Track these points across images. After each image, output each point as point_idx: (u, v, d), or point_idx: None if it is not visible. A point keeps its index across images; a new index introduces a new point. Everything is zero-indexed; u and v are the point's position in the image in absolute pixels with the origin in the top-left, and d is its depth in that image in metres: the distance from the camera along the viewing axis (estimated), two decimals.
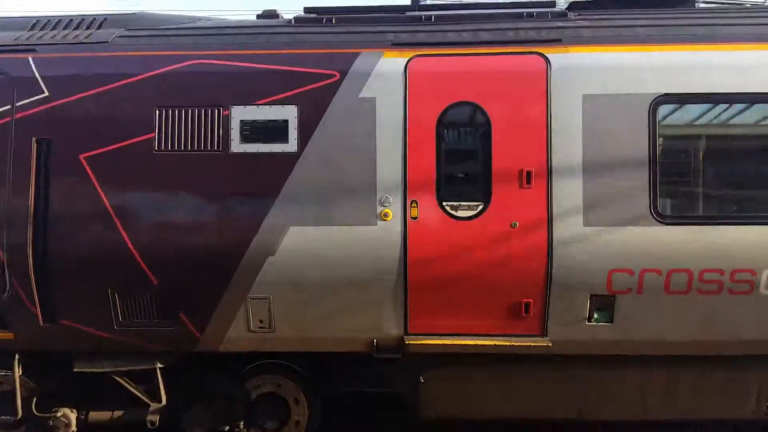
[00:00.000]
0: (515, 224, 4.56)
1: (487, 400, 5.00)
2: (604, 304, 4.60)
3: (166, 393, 4.94)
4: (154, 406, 4.92)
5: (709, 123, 4.82)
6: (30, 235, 4.59)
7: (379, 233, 4.59)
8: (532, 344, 4.65)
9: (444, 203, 4.61)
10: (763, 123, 4.78)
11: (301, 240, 4.58)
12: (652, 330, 4.63)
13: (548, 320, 4.65)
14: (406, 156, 4.60)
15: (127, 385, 4.95)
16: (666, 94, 4.55)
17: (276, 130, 4.67)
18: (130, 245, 4.61)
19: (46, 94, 4.70)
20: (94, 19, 5.20)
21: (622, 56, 4.63)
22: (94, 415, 5.08)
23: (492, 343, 4.67)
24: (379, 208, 4.61)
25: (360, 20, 5.13)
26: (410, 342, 4.70)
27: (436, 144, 4.62)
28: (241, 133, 4.68)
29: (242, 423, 5.10)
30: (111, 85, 4.71)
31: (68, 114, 4.68)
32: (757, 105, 4.64)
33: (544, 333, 4.67)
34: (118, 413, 5.10)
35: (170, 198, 4.67)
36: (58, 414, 4.90)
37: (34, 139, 4.66)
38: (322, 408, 5.32)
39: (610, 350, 4.72)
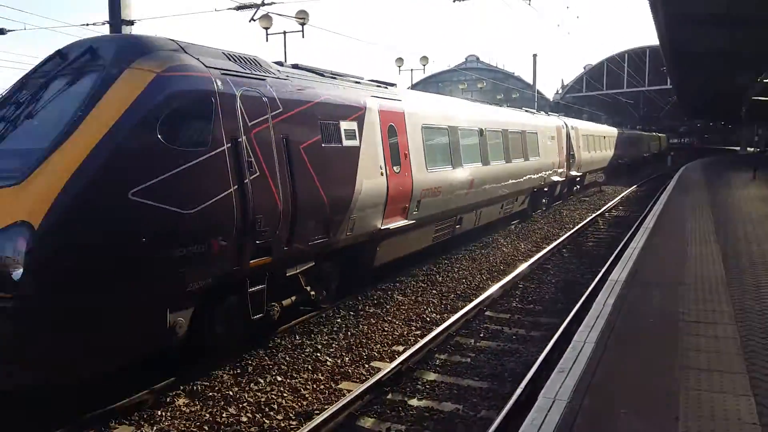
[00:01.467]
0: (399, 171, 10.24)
1: (399, 248, 10.87)
2: (417, 204, 10.83)
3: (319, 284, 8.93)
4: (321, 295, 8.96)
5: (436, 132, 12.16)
6: (289, 190, 7.30)
7: (381, 179, 9.63)
8: (409, 222, 10.58)
9: (393, 167, 10.05)
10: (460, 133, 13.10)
11: (365, 185, 9.06)
12: (438, 206, 11.70)
13: (409, 213, 10.61)
14: (383, 147, 9.88)
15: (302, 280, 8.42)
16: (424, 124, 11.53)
17: (352, 134, 9.01)
18: (321, 193, 7.98)
19: (281, 109, 7.42)
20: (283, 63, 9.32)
21: (419, 109, 11.66)
22: (286, 302, 8.16)
23: (401, 224, 10.29)
24: (380, 170, 9.66)
25: (368, 83, 10.58)
26: (382, 227, 9.81)
27: (383, 141, 9.92)
28: (344, 135, 8.80)
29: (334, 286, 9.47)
30: (305, 106, 7.95)
31: (291, 122, 7.58)
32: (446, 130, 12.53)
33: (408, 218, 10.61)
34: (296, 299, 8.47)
35: (332, 169, 8.32)
36: (275, 307, 7.80)
37: (281, 136, 7.33)
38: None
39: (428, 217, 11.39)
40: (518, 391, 5.99)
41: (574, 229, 16.83)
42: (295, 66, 8.95)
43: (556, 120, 23.01)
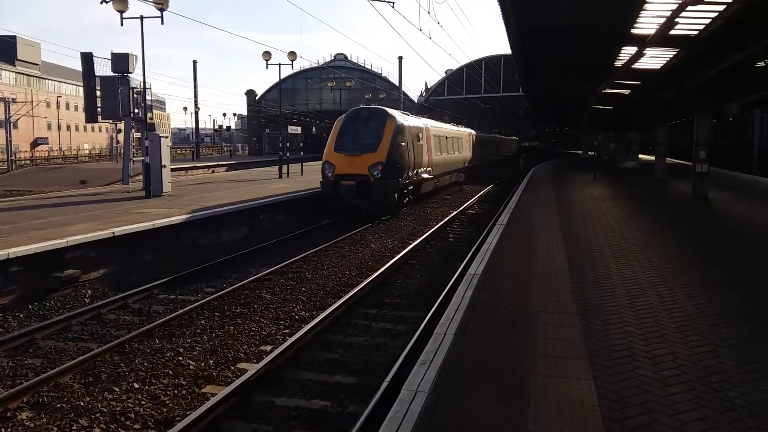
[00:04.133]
0: (429, 154, 24.84)
1: (427, 186, 24.85)
2: (433, 168, 25.07)
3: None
4: None
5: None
6: (414, 158, 21.82)
7: (427, 157, 23.80)
8: (430, 176, 24.46)
9: (428, 152, 24.32)
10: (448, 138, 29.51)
11: (424, 158, 23.23)
12: (437, 170, 25.91)
13: (430, 172, 24.58)
14: (426, 143, 24.27)
15: None
16: (434, 135, 26.10)
17: (421, 138, 23.07)
18: (416, 160, 21.89)
19: (411, 130, 21.70)
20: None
21: (431, 127, 26.22)
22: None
23: (428, 176, 24.12)
24: (425, 153, 23.77)
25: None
26: (424, 176, 23.75)
27: (427, 141, 24.17)
28: (422, 139, 23.35)
29: None
30: (415, 129, 22.34)
31: (412, 134, 21.76)
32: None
33: (430, 174, 24.84)
34: None
35: (420, 152, 22.40)
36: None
37: (411, 140, 21.32)
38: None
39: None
40: (384, 384, 6.15)
41: (437, 226, 17.58)
42: (419, 113, 29.17)
43: (467, 129, 38.16)
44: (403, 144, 19.87)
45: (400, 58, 53.35)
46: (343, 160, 19.07)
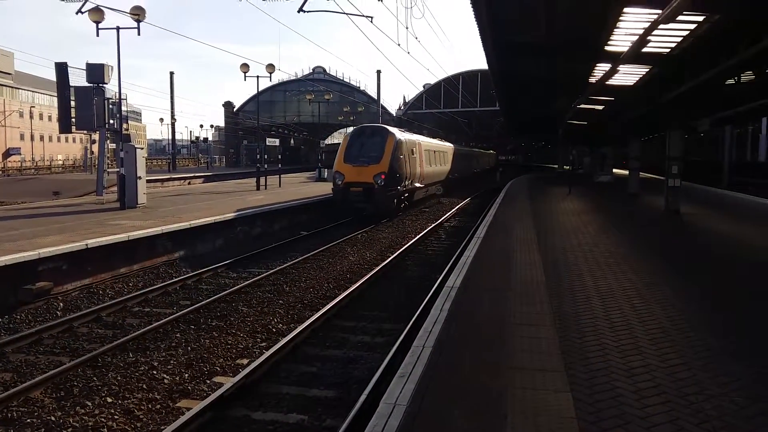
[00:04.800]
0: (421, 166, 27.99)
1: (418, 194, 27.75)
2: (424, 178, 28.35)
3: None
4: None
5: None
6: (409, 169, 25.41)
7: (419, 169, 26.93)
8: (421, 185, 27.64)
9: (420, 164, 27.26)
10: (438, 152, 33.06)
11: (417, 170, 26.46)
12: (427, 180, 29.20)
13: (422, 181, 27.73)
14: (419, 157, 27.18)
15: None
16: (424, 149, 29.25)
17: (415, 152, 26.10)
18: (411, 171, 24.98)
19: (406, 145, 25.12)
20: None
21: (423, 142, 29.38)
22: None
23: (419, 185, 27.29)
24: (419, 165, 26.86)
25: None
26: (416, 185, 26.92)
27: (419, 155, 27.35)
28: (416, 153, 26.57)
29: None
30: (411, 144, 26.08)
31: (407, 148, 25.05)
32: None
33: (421, 183, 28.20)
34: None
35: (414, 164, 25.68)
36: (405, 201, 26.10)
37: (407, 153, 24.76)
38: None
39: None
40: (362, 398, 6.12)
41: (416, 238, 17.61)
42: (411, 131, 32.40)
43: (449, 144, 40.75)
44: (401, 157, 23.26)
45: (379, 72, 53.74)
46: (352, 170, 22.19)
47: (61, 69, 21.57)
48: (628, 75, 14.42)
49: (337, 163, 22.88)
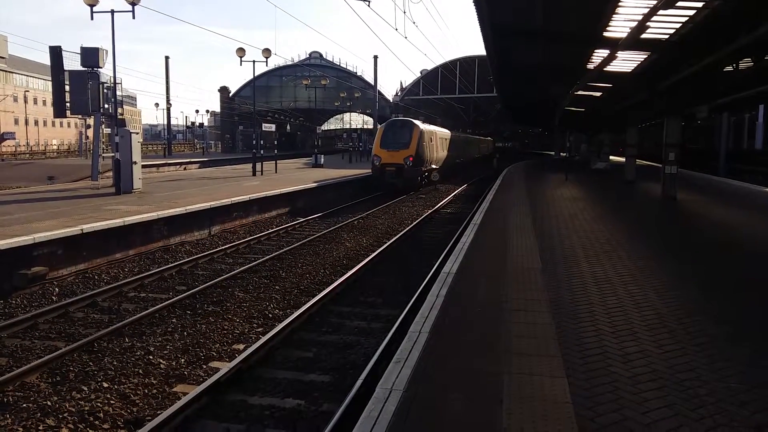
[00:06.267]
0: (440, 151, 35.99)
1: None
2: (442, 161, 35.86)
3: None
4: None
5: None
6: (432, 153, 33.34)
7: (441, 153, 36.29)
8: (439, 166, 34.32)
9: (440, 150, 35.92)
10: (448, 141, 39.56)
11: (439, 154, 34.91)
12: (443, 163, 36.33)
13: (440, 164, 35.18)
14: (437, 144, 34.63)
15: None
16: (440, 138, 36.70)
17: (434, 140, 33.54)
18: (433, 155, 33.25)
19: (429, 134, 32.60)
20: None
21: (440, 132, 37.13)
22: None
23: (437, 166, 33.95)
24: (439, 151, 35.33)
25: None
26: (435, 166, 33.57)
27: (437, 142, 34.63)
28: (436, 140, 34.52)
29: None
30: (432, 133, 33.82)
31: (428, 137, 32.58)
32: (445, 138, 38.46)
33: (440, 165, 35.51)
34: None
35: (435, 149, 33.67)
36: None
37: (430, 140, 32.79)
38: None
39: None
40: (358, 383, 6.12)
41: (412, 225, 17.60)
42: (433, 123, 40.42)
43: (448, 131, 41.86)
44: (423, 144, 30.01)
45: (376, 57, 53.35)
46: (386, 153, 28.99)
47: (56, 53, 21.36)
48: (627, 61, 14.37)
49: (375, 148, 29.98)
